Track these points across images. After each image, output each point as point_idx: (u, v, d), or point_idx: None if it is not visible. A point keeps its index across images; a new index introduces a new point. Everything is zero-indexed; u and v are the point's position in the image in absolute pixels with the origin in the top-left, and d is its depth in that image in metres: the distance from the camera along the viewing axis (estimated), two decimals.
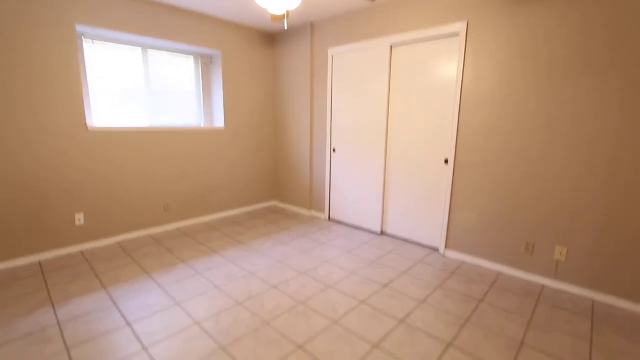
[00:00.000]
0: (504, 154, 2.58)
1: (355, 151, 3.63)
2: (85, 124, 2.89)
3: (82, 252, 2.94)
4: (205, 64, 3.90)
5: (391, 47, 3.17)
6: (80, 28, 2.83)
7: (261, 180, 4.48)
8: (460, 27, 2.68)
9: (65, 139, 2.80)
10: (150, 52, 3.40)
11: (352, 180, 3.70)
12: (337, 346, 1.76)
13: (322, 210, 4.10)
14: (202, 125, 3.83)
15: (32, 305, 2.10)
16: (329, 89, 3.75)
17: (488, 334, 1.90)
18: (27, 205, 2.67)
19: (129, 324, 1.92)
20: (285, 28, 2.87)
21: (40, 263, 2.72)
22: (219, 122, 3.96)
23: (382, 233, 3.53)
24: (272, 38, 4.27)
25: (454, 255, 2.96)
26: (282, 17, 2.55)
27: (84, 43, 2.97)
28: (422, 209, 3.16)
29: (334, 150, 3.83)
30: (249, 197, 4.37)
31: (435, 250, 3.11)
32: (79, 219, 2.96)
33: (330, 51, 3.66)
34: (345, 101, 3.63)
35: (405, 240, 3.33)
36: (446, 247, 3.01)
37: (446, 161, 2.93)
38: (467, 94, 2.72)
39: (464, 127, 2.76)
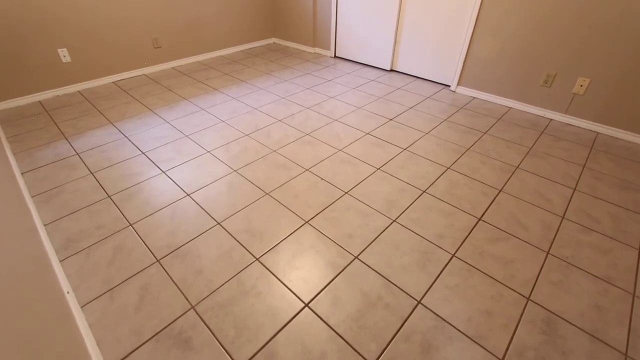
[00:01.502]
0: None
1: None
2: None
3: (80, 92, 2.85)
4: None
5: None
6: None
7: (258, 13, 3.89)
8: None
9: None
10: None
11: (362, 11, 3.17)
12: (341, 169, 1.88)
13: (327, 47, 3.72)
14: None
15: (48, 138, 2.17)
16: None
17: (486, 160, 1.99)
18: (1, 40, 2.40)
19: (143, 153, 2.02)
20: None
21: (41, 102, 2.67)
22: None
23: (392, 70, 3.30)
24: None
25: (465, 91, 2.83)
26: None
27: None
28: (438, 43, 2.82)
29: None
30: (246, 33, 3.90)
31: (447, 87, 2.96)
32: (64, 55, 2.72)
33: None
34: None
35: (416, 77, 3.13)
36: (458, 83, 2.84)
37: None
38: None
39: None
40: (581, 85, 2.27)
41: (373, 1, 3.06)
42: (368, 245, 1.40)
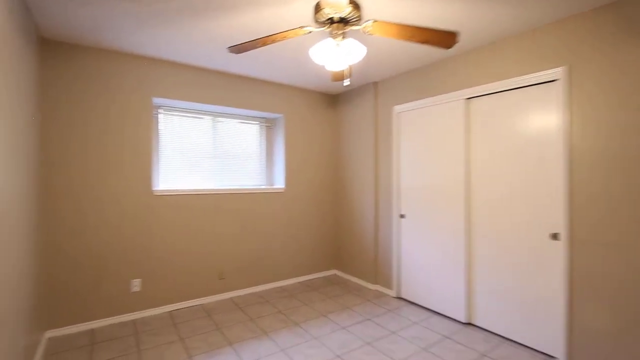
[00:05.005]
0: None
1: (427, 218, 3.11)
2: (152, 188, 2.96)
3: (134, 322, 2.80)
4: (269, 127, 3.94)
5: (467, 100, 2.78)
6: (156, 100, 3.05)
7: (321, 246, 4.13)
8: (558, 73, 2.21)
9: (131, 203, 2.86)
10: (219, 119, 3.54)
11: (425, 252, 3.12)
12: None
13: (389, 285, 3.52)
14: (263, 187, 3.73)
15: None
16: (394, 148, 3.42)
17: None
18: (88, 270, 2.69)
19: None
20: (345, 84, 2.71)
21: (93, 331, 2.63)
22: (280, 183, 3.85)
23: (469, 323, 2.79)
24: (333, 99, 4.23)
25: None
26: (341, 75, 2.40)
27: (159, 114, 3.19)
28: (525, 297, 2.42)
29: (403, 216, 3.36)
30: (308, 264, 4.01)
31: (553, 359, 2.28)
32: (135, 285, 2.89)
33: (396, 109, 3.41)
34: (414, 162, 3.24)
35: (503, 339, 2.54)
36: (569, 358, 2.18)
37: (554, 236, 2.26)
38: (577, 151, 2.13)
39: (579, 193, 2.13)
40: None
41: (436, 244, 3.01)
42: None
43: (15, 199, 1.78)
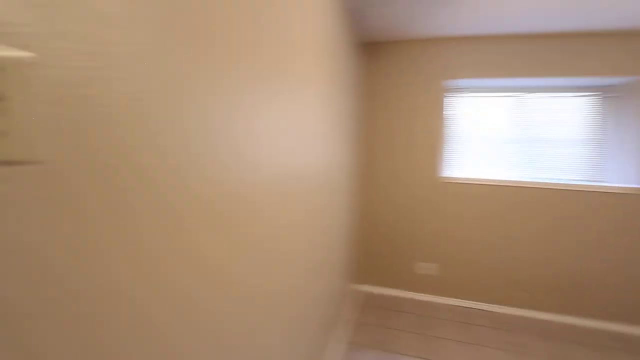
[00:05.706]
0: None
1: None
2: (438, 174, 2.84)
3: (429, 304, 2.86)
4: (606, 98, 2.74)
5: None
6: (446, 83, 2.79)
7: None
8: None
9: (420, 188, 2.89)
10: (524, 95, 2.85)
11: None
12: None
13: None
14: (599, 184, 2.60)
15: (370, 341, 2.15)
16: None
17: None
18: (386, 243, 3.01)
19: None
20: None
21: (387, 297, 2.93)
22: (628, 181, 2.57)
23: None
24: None
25: None
26: None
27: (448, 97, 2.89)
28: None
29: None
30: None
31: None
32: (424, 268, 2.92)
33: None
34: None
35: None
36: None
37: None
38: None
39: None
40: None
41: None
42: None
43: (347, 177, 2.18)
